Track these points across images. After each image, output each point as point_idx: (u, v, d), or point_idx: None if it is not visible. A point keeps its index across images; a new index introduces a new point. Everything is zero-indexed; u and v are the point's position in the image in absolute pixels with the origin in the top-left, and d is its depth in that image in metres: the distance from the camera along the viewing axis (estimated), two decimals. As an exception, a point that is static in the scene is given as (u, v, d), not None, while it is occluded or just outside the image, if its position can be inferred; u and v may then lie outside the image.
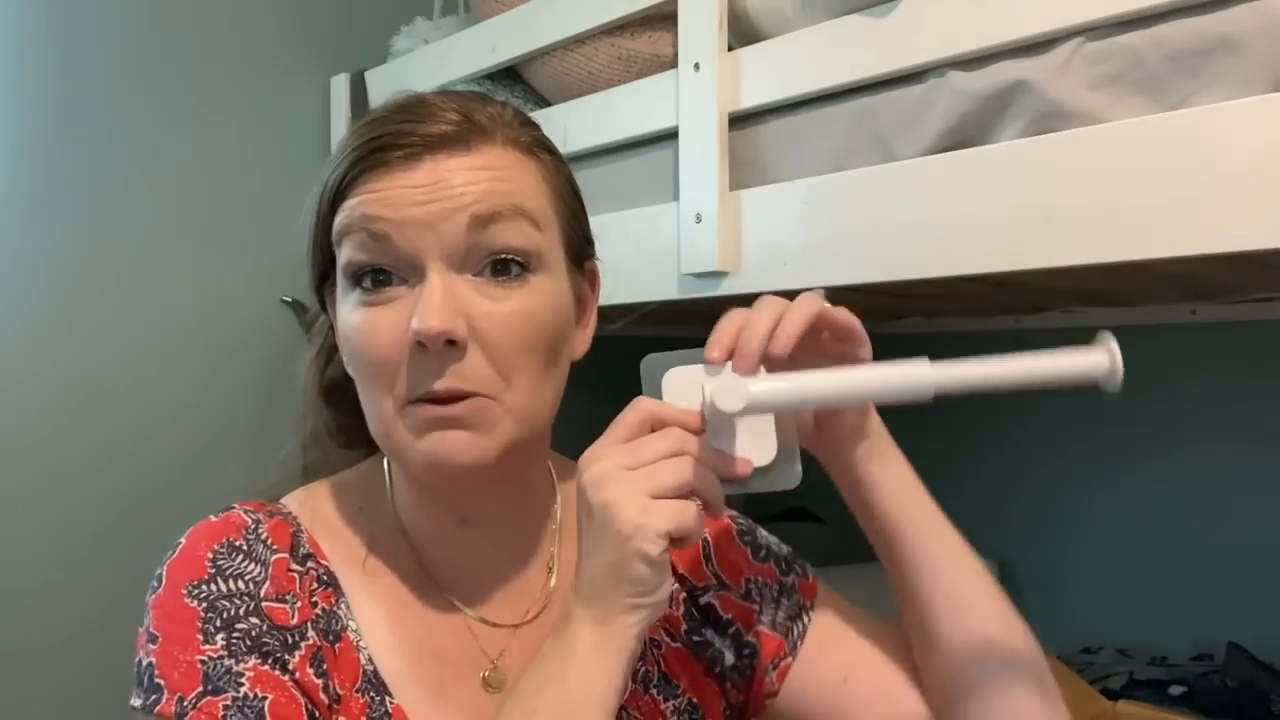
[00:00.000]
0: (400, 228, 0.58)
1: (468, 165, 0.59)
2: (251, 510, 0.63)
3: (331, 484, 0.69)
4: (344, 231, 0.60)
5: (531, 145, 0.64)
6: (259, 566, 0.60)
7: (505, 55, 1.21)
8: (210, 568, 0.59)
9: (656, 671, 0.68)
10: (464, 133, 0.60)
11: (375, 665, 0.61)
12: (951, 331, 1.75)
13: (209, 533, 0.61)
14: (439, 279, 0.57)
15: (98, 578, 1.26)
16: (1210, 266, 1.00)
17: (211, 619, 0.57)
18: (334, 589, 0.63)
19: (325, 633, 0.60)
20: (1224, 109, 0.68)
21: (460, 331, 0.56)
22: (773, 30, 0.97)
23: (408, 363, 0.57)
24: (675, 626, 0.70)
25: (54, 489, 1.27)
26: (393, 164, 0.59)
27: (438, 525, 0.66)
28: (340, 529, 0.66)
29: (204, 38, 1.41)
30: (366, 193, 0.59)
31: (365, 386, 0.61)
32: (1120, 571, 1.60)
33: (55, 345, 1.28)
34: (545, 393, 0.62)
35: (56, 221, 1.29)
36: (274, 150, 1.48)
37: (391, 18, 1.52)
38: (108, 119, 1.33)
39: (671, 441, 0.54)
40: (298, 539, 0.63)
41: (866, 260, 0.88)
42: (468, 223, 0.58)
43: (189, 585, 0.58)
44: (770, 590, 0.72)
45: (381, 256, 0.58)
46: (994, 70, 0.81)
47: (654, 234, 1.04)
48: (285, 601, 0.59)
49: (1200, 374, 1.53)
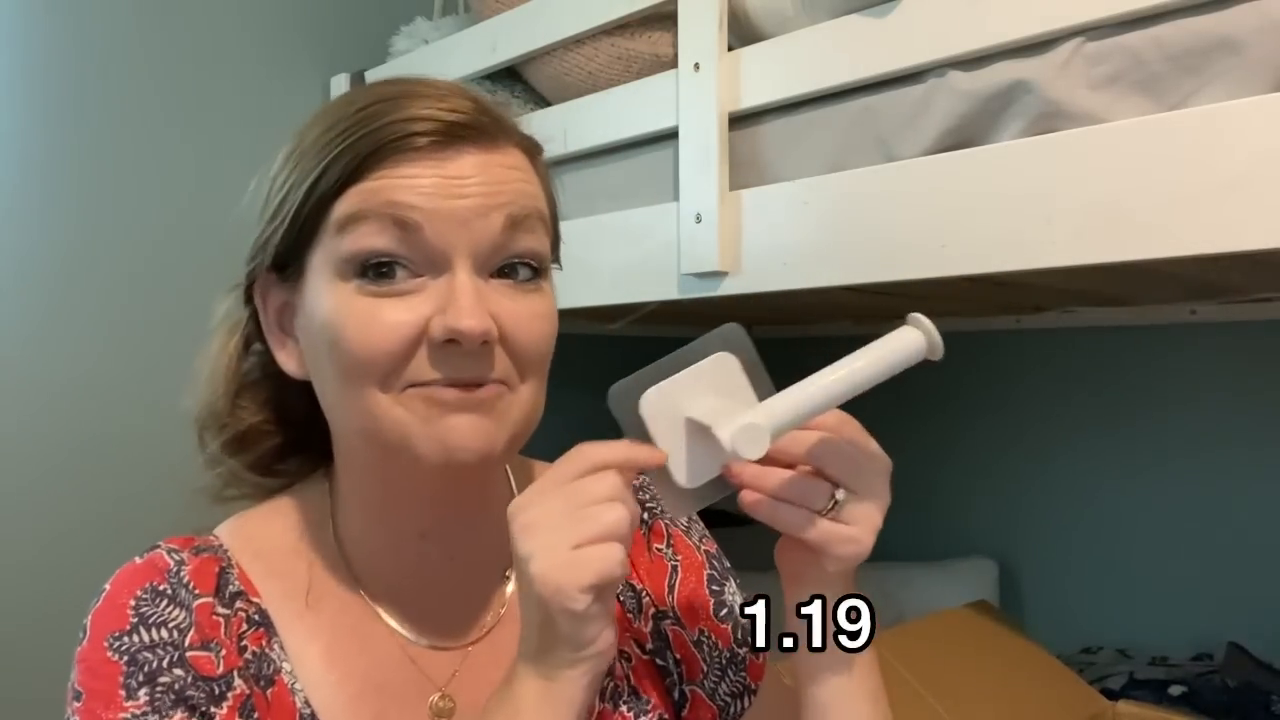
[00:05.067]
0: (432, 219, 0.55)
1: (499, 163, 0.57)
2: (176, 549, 0.60)
3: (266, 510, 0.65)
4: (357, 216, 0.55)
5: (533, 147, 0.62)
6: (183, 612, 0.57)
7: (505, 55, 1.21)
8: (133, 616, 0.56)
9: (626, 686, 0.65)
10: (485, 124, 0.57)
11: (312, 708, 0.58)
12: (951, 331, 1.75)
13: (131, 578, 0.58)
14: (469, 278, 0.55)
15: (97, 580, 1.26)
16: (1210, 266, 1.00)
17: (134, 673, 0.55)
18: (266, 629, 0.59)
19: (256, 678, 0.58)
20: (1224, 109, 0.68)
21: (494, 332, 0.55)
22: (773, 30, 0.97)
23: (424, 357, 0.55)
24: (643, 640, 0.67)
25: (53, 489, 1.27)
26: (422, 149, 0.55)
27: (393, 539, 0.62)
28: (277, 560, 0.62)
29: (204, 38, 1.41)
30: (392, 176, 0.55)
31: (349, 382, 0.56)
32: (1120, 572, 1.60)
33: (54, 345, 1.28)
34: (543, 394, 0.60)
35: (55, 221, 1.29)
36: (274, 150, 1.48)
37: (391, 17, 1.52)
38: (107, 119, 1.33)
39: (607, 486, 0.51)
40: (225, 577, 0.60)
41: (866, 260, 0.88)
42: (503, 223, 0.56)
43: (110, 637, 0.56)
44: (720, 656, 0.68)
45: (404, 247, 0.55)
46: (994, 70, 0.81)
47: (654, 234, 1.04)
48: (210, 649, 0.56)
49: (1200, 374, 1.53)
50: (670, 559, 0.69)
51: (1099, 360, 1.62)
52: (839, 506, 0.55)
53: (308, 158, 0.58)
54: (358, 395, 0.56)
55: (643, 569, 0.68)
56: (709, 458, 0.55)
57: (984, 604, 1.42)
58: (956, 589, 1.56)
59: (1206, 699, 1.29)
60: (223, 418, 0.66)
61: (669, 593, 0.68)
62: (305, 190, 0.57)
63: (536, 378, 0.59)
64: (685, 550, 0.69)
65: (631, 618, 0.67)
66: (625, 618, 0.67)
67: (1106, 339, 1.61)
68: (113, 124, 1.33)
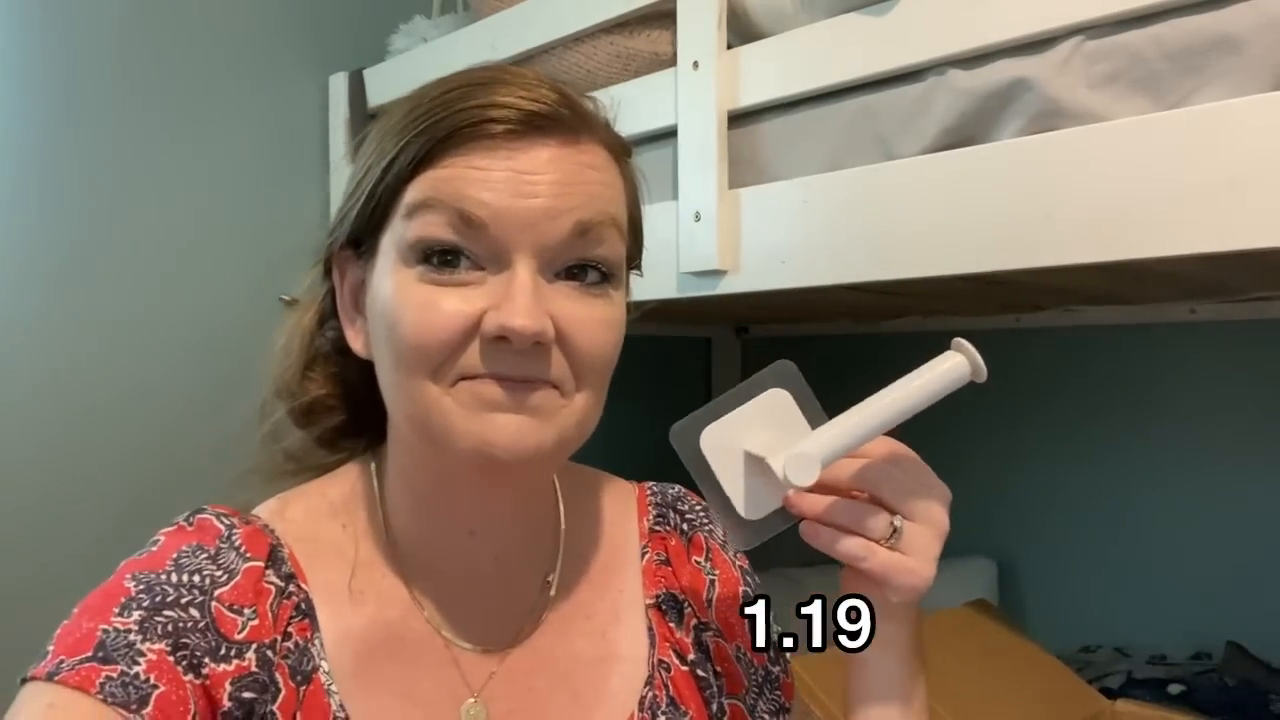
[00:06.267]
0: (498, 217, 0.53)
1: (577, 162, 0.55)
2: (225, 515, 0.59)
3: (309, 494, 0.63)
4: (425, 204, 0.54)
5: (622, 151, 0.60)
6: (224, 573, 0.55)
7: (504, 53, 1.20)
8: (170, 565, 0.55)
9: (665, 696, 0.64)
10: (569, 119, 0.56)
11: (346, 712, 0.56)
12: (950, 330, 1.75)
13: (177, 536, 0.57)
14: (529, 276, 0.53)
15: (96, 581, 1.26)
16: (1210, 266, 1.00)
17: (140, 598, 0.52)
18: (310, 621, 0.57)
19: (294, 672, 0.55)
20: (1223, 108, 0.68)
21: (549, 334, 0.53)
22: (772, 28, 0.97)
23: (476, 350, 0.53)
24: (685, 651, 0.66)
25: (51, 489, 1.27)
26: (498, 138, 0.54)
27: (441, 535, 0.61)
28: (321, 549, 0.60)
29: (202, 36, 1.41)
30: (466, 165, 0.54)
31: (402, 368, 0.55)
32: (1119, 570, 1.60)
33: (53, 345, 1.28)
34: (601, 403, 0.58)
35: (53, 221, 1.28)
36: (272, 149, 1.48)
37: (390, 16, 1.52)
38: (106, 118, 1.33)
39: None
40: (277, 554, 0.58)
41: (865, 259, 0.88)
42: (571, 229, 0.54)
43: (135, 572, 0.54)
44: (756, 674, 0.68)
45: (467, 240, 0.54)
46: (993, 69, 0.81)
47: (653, 232, 1.02)
48: (240, 614, 0.54)
49: (1199, 373, 1.53)
50: (708, 572, 0.68)
51: (1098, 359, 1.62)
52: (898, 535, 0.56)
53: (389, 137, 0.57)
54: (409, 382, 0.55)
55: (684, 579, 0.68)
56: (768, 490, 0.57)
57: (983, 603, 1.42)
58: (956, 588, 1.55)
59: (1205, 698, 1.28)
60: (292, 386, 0.65)
61: (708, 606, 0.68)
62: (381, 170, 0.56)
63: (593, 388, 0.57)
64: (722, 565, 0.69)
65: (673, 627, 0.66)
66: (667, 627, 0.66)
67: (1106, 338, 1.61)
68: (110, 122, 1.33)
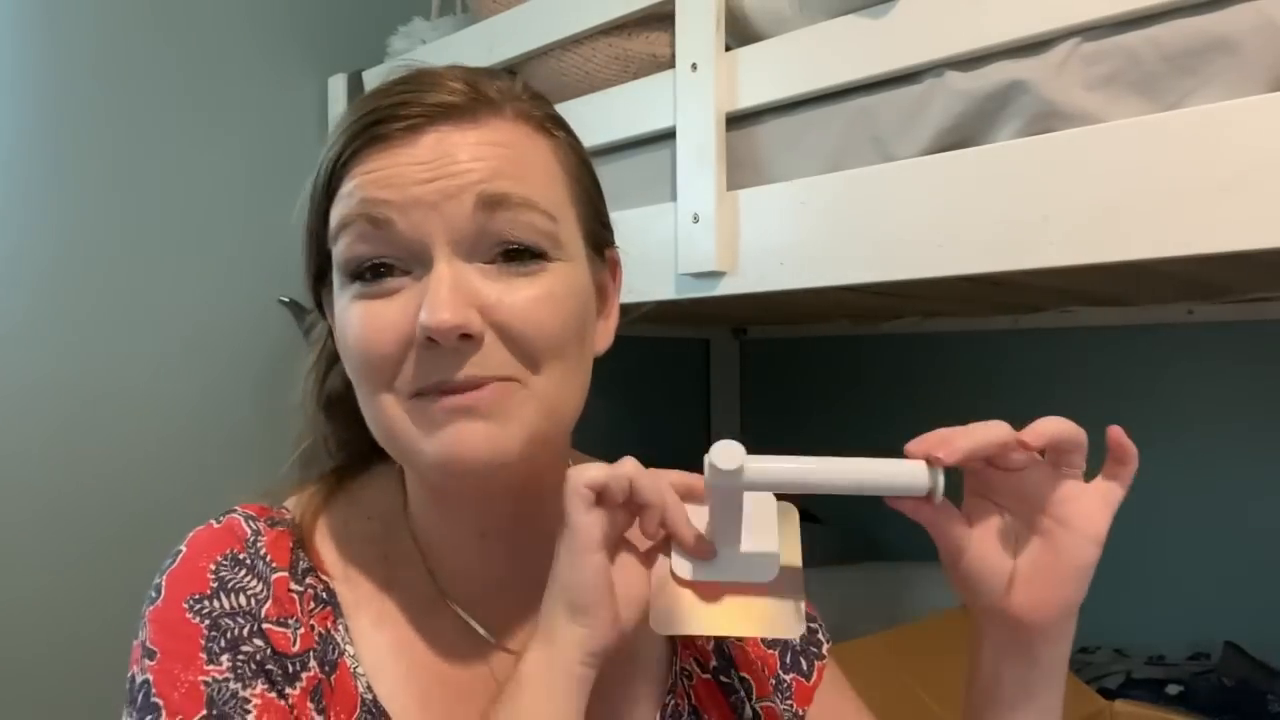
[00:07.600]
0: (403, 210, 0.52)
1: (474, 140, 0.54)
2: (253, 517, 0.59)
3: (339, 489, 0.64)
4: (342, 224, 0.54)
5: (543, 121, 0.59)
6: (260, 584, 0.56)
7: (502, 55, 1.21)
8: (213, 581, 0.55)
9: (687, 705, 0.64)
10: (470, 104, 0.55)
11: (374, 694, 0.57)
12: (949, 331, 1.75)
13: (211, 542, 0.57)
14: (447, 268, 0.52)
15: (94, 582, 1.26)
16: (1208, 266, 1.01)
17: (216, 638, 0.53)
18: (332, 609, 0.58)
19: (322, 662, 0.56)
20: (1221, 109, 0.68)
21: (474, 325, 0.52)
22: (770, 30, 0.97)
23: (415, 358, 0.53)
24: (705, 659, 0.66)
25: (50, 490, 1.26)
26: (392, 138, 0.53)
27: (455, 537, 0.61)
28: (347, 538, 0.61)
29: (201, 38, 1.41)
30: (364, 173, 0.54)
31: (364, 385, 0.55)
32: (1117, 571, 1.59)
33: (52, 346, 1.28)
34: (574, 384, 0.57)
35: (52, 222, 1.28)
36: (271, 150, 1.48)
37: (389, 18, 1.52)
38: (105, 120, 1.33)
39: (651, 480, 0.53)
40: (296, 553, 0.59)
41: (864, 260, 0.88)
42: (474, 203, 0.53)
43: (190, 599, 0.54)
44: (768, 682, 0.69)
45: (384, 246, 0.53)
46: (991, 70, 0.81)
47: (651, 234, 1.04)
48: (287, 626, 0.55)
49: (1197, 373, 1.53)
50: None
51: (1096, 360, 1.62)
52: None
53: (319, 169, 0.58)
54: (370, 400, 0.55)
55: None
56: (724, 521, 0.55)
57: (982, 604, 1.42)
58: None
59: (1203, 698, 1.29)
60: (318, 427, 0.66)
61: None
62: (313, 203, 0.57)
63: (554, 365, 0.55)
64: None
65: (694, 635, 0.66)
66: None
67: (1103, 339, 1.61)
68: (110, 125, 1.33)
